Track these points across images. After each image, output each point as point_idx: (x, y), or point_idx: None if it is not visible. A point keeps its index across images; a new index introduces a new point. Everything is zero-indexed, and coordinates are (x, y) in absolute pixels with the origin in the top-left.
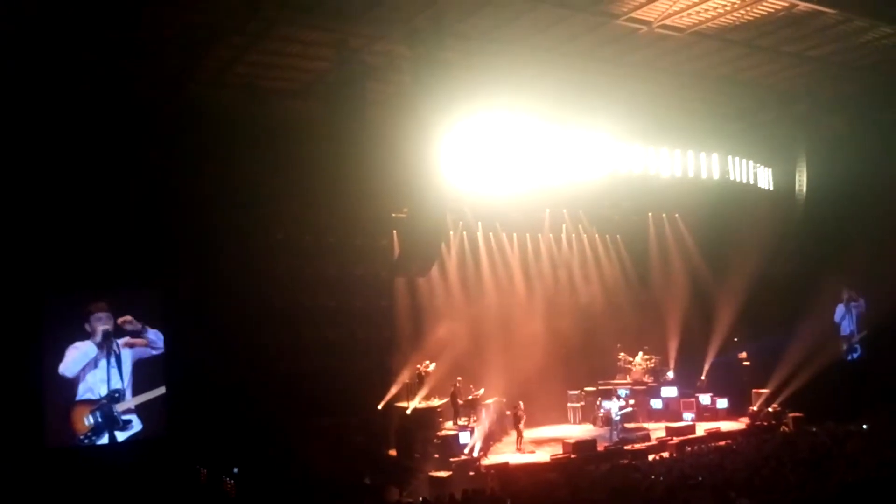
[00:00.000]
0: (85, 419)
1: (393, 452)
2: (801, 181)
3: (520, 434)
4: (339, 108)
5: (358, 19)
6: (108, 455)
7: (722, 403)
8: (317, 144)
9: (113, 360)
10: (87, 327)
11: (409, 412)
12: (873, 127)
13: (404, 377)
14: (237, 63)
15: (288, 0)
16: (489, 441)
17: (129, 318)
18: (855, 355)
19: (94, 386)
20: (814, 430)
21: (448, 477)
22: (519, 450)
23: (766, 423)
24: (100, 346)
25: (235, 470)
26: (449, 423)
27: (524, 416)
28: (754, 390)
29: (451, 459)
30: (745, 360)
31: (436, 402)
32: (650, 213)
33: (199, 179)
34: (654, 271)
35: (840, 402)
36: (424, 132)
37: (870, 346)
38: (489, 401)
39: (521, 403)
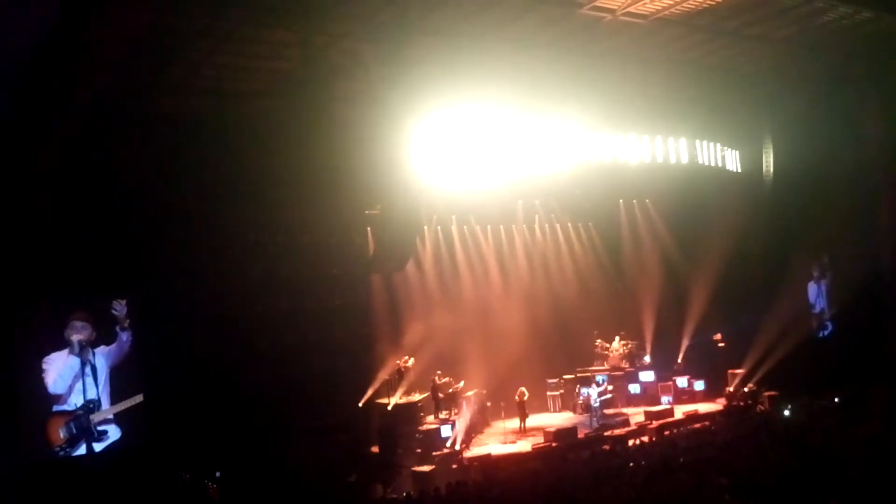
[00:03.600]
0: (60, 431)
1: (375, 449)
2: (768, 162)
3: (523, 420)
4: (307, 108)
5: (322, 17)
6: (87, 466)
7: (699, 385)
8: (286, 145)
9: (88, 369)
10: (65, 337)
11: (390, 408)
12: (836, 106)
13: (384, 374)
14: (202, 66)
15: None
16: (471, 433)
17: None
18: (826, 332)
19: (70, 397)
20: (788, 407)
21: (431, 471)
22: (522, 435)
23: (742, 403)
24: (77, 355)
25: (218, 474)
26: (430, 418)
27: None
28: (730, 371)
29: (434, 453)
30: (720, 341)
31: (416, 397)
32: (621, 200)
33: (169, 185)
34: (628, 257)
35: (813, 379)
36: (394, 128)
37: (839, 321)
38: (469, 393)
39: (524, 389)
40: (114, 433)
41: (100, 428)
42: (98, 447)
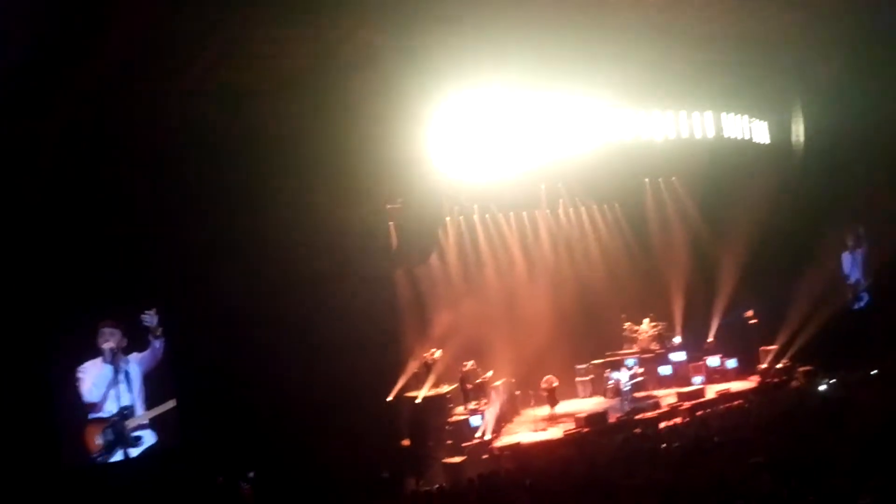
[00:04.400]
0: (97, 438)
1: (406, 443)
2: (798, 131)
3: (553, 407)
4: (322, 104)
5: (333, 11)
6: (124, 470)
7: (731, 364)
8: (303, 143)
9: (122, 376)
10: (98, 345)
11: (418, 401)
12: (867, 69)
13: (412, 367)
14: (215, 67)
15: None
16: (501, 422)
17: (151, 311)
18: (861, 303)
19: (105, 404)
20: (824, 382)
21: (462, 462)
22: (553, 423)
23: (776, 380)
24: (110, 363)
25: (251, 475)
26: (459, 409)
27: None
28: (762, 348)
29: (464, 444)
30: (752, 318)
31: (445, 389)
32: (647, 179)
33: (190, 190)
34: (655, 237)
35: (849, 352)
36: (411, 120)
37: (875, 292)
38: (498, 382)
39: (553, 377)
40: (149, 438)
41: (135, 434)
42: (134, 453)
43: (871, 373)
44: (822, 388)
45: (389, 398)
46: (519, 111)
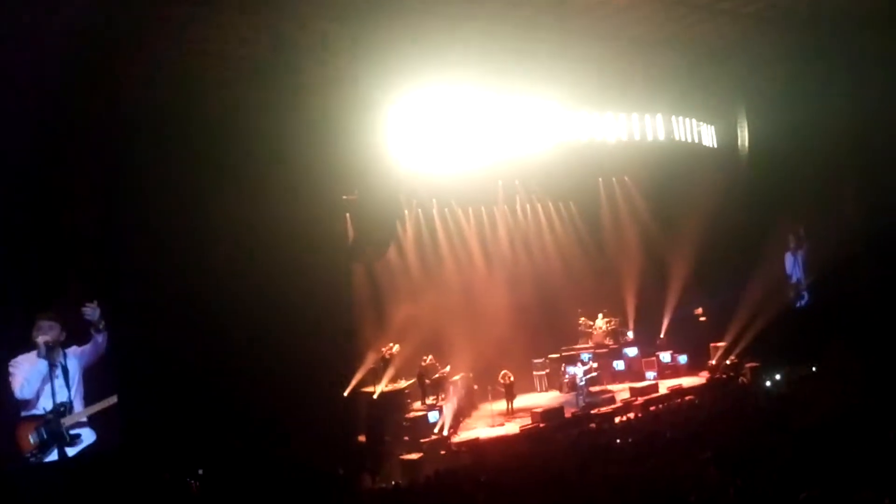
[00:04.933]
0: (30, 437)
1: (362, 439)
2: (743, 136)
3: (510, 402)
4: (278, 94)
5: (290, 1)
6: (60, 470)
7: (682, 359)
8: (258, 134)
9: (58, 371)
10: (32, 339)
11: (375, 397)
12: (808, 81)
13: (369, 362)
14: (168, 55)
15: None
16: (458, 418)
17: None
18: (802, 301)
19: (39, 401)
20: (769, 378)
21: (419, 458)
22: (510, 417)
23: (724, 376)
24: (45, 357)
25: (201, 472)
26: (417, 404)
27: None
28: (712, 344)
29: (422, 440)
30: (701, 315)
31: (402, 384)
32: (600, 179)
33: (139, 179)
34: (608, 235)
35: (792, 349)
36: (368, 111)
37: (816, 290)
38: (456, 377)
39: (508, 372)
40: (88, 436)
41: (72, 431)
42: (71, 451)
43: (812, 369)
44: (767, 384)
45: (346, 393)
46: (478, 108)
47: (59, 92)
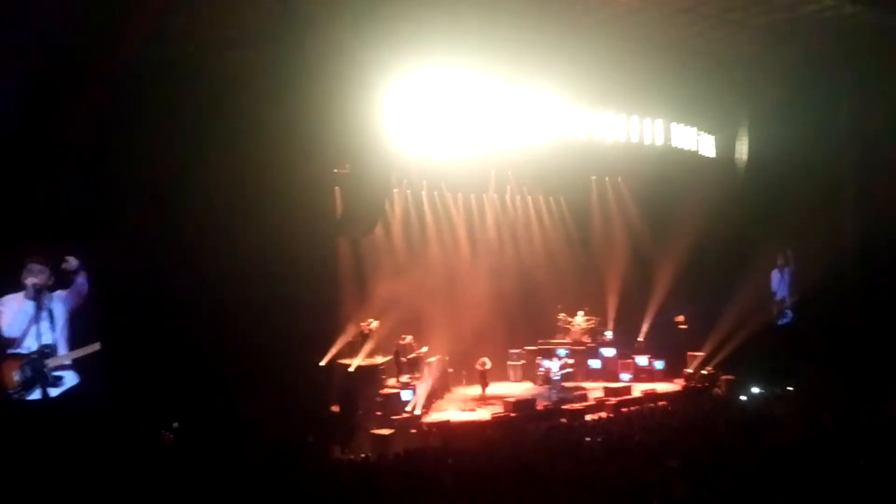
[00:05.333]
0: (14, 374)
1: (335, 409)
2: (742, 150)
3: (484, 389)
4: (279, 60)
5: None
6: (42, 410)
7: (659, 365)
8: (255, 97)
9: (45, 314)
10: (21, 280)
11: (351, 370)
12: (813, 97)
13: (348, 335)
14: (172, 11)
15: None
16: (431, 399)
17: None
18: (786, 320)
19: (25, 340)
20: (745, 393)
21: (390, 434)
22: (483, 404)
23: (699, 386)
24: (32, 299)
25: (175, 424)
26: (392, 381)
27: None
28: (690, 353)
29: (394, 417)
30: (683, 323)
31: (379, 360)
32: (594, 177)
33: (136, 133)
34: (596, 234)
35: (770, 365)
36: (368, 87)
37: (800, 310)
38: (432, 359)
39: (486, 359)
40: (70, 379)
41: (56, 373)
42: (54, 392)
43: (788, 389)
44: (743, 398)
45: (322, 363)
46: (479, 96)
47: (61, 36)
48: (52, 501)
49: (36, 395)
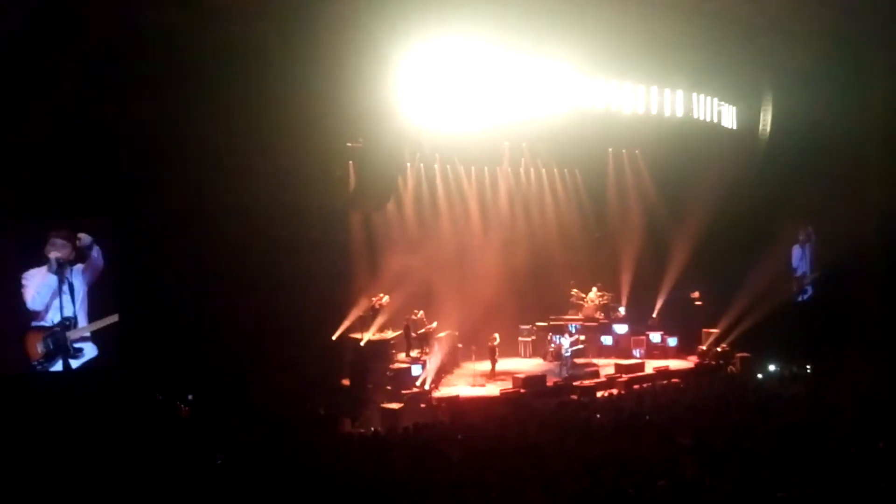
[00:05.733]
0: (38, 346)
1: (346, 383)
2: (766, 120)
3: (493, 365)
4: (294, 31)
5: None
6: (63, 381)
7: (672, 342)
8: (270, 68)
9: (66, 287)
10: (44, 254)
11: (362, 344)
12: (840, 65)
13: (359, 309)
14: None
15: None
16: (441, 374)
17: (82, 234)
18: (805, 296)
19: (47, 313)
20: (760, 372)
21: (399, 409)
22: (492, 379)
23: (713, 363)
24: (55, 273)
25: (190, 397)
26: (402, 356)
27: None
28: (704, 329)
29: (403, 391)
30: (698, 299)
31: (389, 335)
32: (610, 150)
33: (153, 106)
34: (611, 208)
35: (788, 343)
36: (381, 59)
37: (821, 286)
38: (442, 334)
39: (497, 335)
40: (90, 351)
41: (76, 345)
42: (74, 364)
43: (806, 367)
44: (759, 376)
45: (334, 337)
46: (493, 67)
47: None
48: (71, 470)
49: (58, 366)
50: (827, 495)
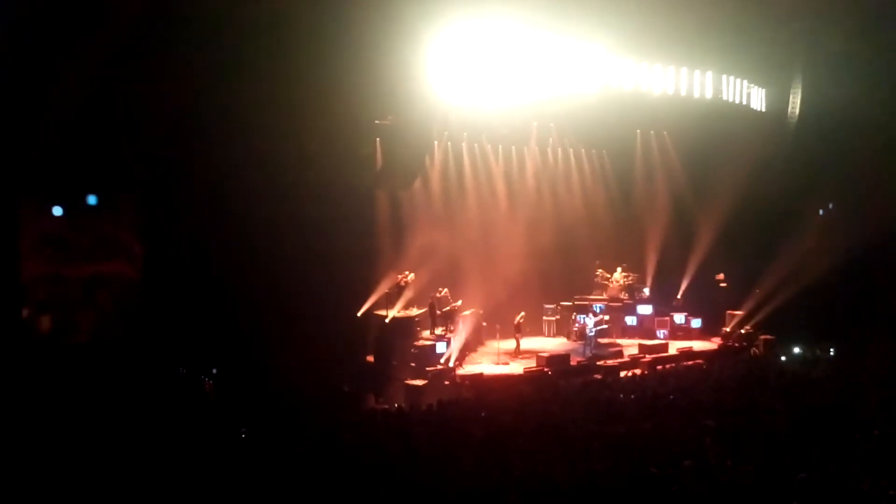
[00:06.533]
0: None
1: (371, 359)
2: (795, 103)
3: (518, 343)
4: (325, 9)
5: None
6: (89, 354)
7: (696, 323)
8: (298, 44)
9: None
10: None
11: (387, 321)
12: (872, 47)
13: (384, 287)
14: None
15: None
16: (465, 352)
17: None
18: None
19: None
20: (784, 354)
21: (423, 385)
22: (516, 357)
23: (737, 345)
24: None
25: (214, 371)
26: (426, 333)
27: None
28: (729, 311)
29: (428, 368)
30: (722, 281)
31: (414, 312)
32: (639, 131)
33: (178, 83)
34: (638, 189)
35: (811, 327)
36: (411, 37)
37: (845, 270)
38: (466, 312)
39: (523, 313)
40: None
41: None
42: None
43: (830, 351)
44: (782, 359)
45: (359, 313)
46: (523, 46)
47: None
48: (97, 443)
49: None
50: (850, 477)
